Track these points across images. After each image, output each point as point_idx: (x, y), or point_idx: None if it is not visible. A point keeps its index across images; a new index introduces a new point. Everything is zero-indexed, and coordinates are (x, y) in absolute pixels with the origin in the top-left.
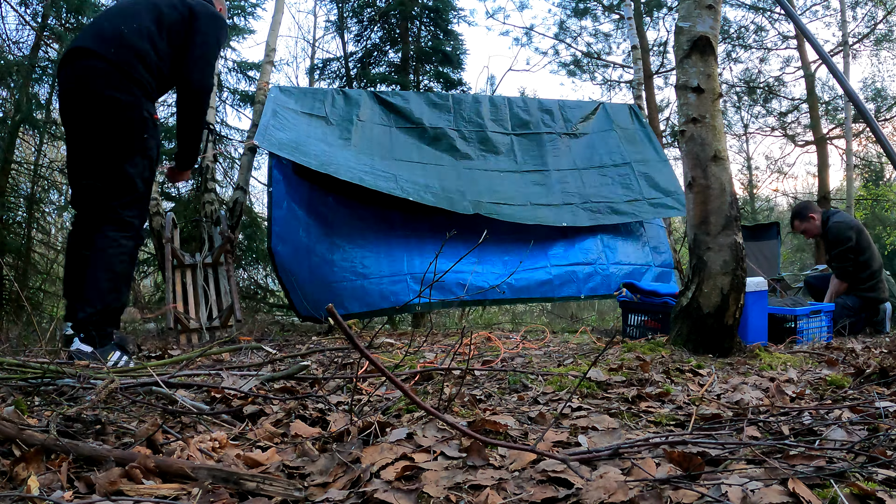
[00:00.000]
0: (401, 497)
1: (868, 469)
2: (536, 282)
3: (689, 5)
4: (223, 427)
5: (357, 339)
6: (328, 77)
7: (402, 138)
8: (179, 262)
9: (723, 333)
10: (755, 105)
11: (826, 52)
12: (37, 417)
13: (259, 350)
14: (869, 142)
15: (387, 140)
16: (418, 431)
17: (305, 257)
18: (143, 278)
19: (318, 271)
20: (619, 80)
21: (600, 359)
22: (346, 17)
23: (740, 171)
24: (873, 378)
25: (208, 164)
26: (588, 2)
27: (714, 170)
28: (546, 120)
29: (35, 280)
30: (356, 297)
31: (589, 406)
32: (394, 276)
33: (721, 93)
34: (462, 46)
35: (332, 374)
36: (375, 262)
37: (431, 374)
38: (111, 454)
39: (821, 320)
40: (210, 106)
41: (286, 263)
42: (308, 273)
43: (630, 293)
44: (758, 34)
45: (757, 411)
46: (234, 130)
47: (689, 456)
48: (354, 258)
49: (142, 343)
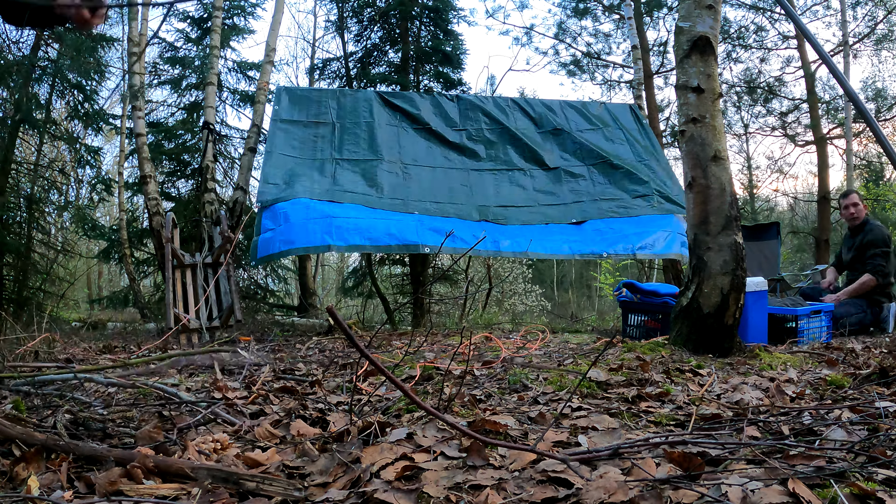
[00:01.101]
0: (401, 497)
1: (868, 469)
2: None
3: (689, 5)
4: (224, 427)
5: (357, 339)
6: (328, 77)
7: (410, 140)
8: (179, 262)
9: (723, 333)
10: (755, 105)
11: (826, 52)
12: (37, 417)
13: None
14: (869, 142)
15: (395, 142)
16: (418, 431)
17: (303, 210)
18: (143, 278)
19: (315, 213)
20: (619, 80)
21: (600, 359)
22: (346, 17)
23: (740, 171)
24: (873, 378)
25: (208, 163)
26: (588, 2)
27: (714, 170)
28: (551, 119)
29: (35, 280)
30: (359, 231)
31: (589, 406)
32: (402, 221)
33: (721, 93)
34: (462, 46)
35: (332, 373)
36: (384, 220)
37: (431, 374)
38: (111, 454)
39: (821, 320)
40: (210, 106)
41: (279, 209)
42: (304, 212)
43: (630, 293)
44: (758, 34)
45: (757, 411)
46: (234, 130)
47: (689, 456)
48: (359, 219)
49: (142, 343)
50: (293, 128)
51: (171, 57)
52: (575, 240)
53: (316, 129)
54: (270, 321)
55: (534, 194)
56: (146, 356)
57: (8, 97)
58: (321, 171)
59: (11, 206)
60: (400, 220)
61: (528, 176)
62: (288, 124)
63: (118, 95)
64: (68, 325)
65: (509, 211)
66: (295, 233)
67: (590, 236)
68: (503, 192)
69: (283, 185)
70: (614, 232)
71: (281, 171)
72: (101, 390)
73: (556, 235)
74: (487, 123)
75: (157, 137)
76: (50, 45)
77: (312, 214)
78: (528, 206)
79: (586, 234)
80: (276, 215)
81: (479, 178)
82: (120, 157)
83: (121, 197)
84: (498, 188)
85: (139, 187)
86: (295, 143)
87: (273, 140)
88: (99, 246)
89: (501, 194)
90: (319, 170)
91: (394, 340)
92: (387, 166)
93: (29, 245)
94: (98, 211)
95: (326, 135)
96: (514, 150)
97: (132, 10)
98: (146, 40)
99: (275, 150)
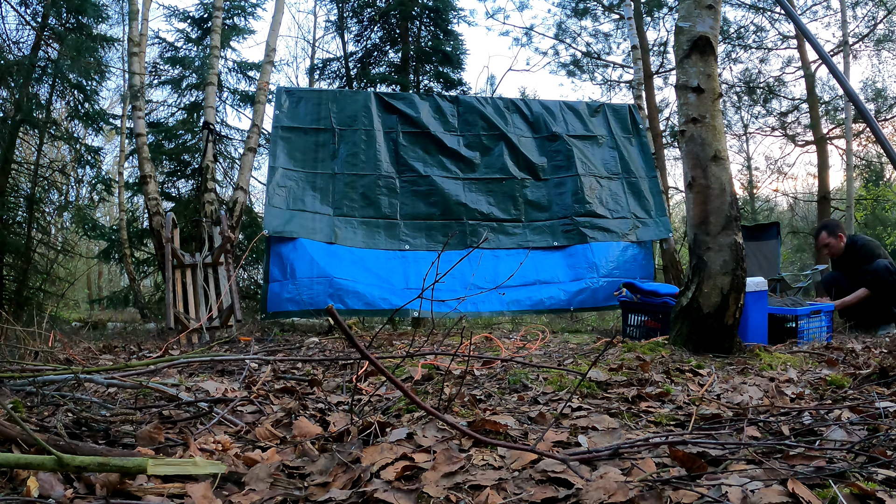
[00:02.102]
0: (401, 497)
1: (868, 469)
2: (529, 299)
3: (689, 5)
4: (225, 427)
5: (357, 340)
6: (328, 77)
7: (407, 148)
8: (179, 262)
9: (723, 333)
10: (755, 105)
11: (826, 52)
12: (36, 417)
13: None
14: (869, 142)
15: (392, 152)
16: (418, 431)
17: (307, 265)
18: (143, 278)
19: (317, 270)
20: (619, 80)
21: (600, 359)
22: (346, 17)
23: (740, 171)
24: (873, 378)
25: (208, 163)
26: (588, 2)
27: (714, 170)
28: (549, 124)
29: (35, 280)
30: (357, 296)
31: (589, 406)
32: (395, 275)
33: (721, 93)
34: (462, 46)
35: (332, 373)
36: (376, 278)
37: (431, 374)
38: (111, 454)
39: (821, 320)
40: (210, 106)
41: (285, 254)
42: (308, 268)
43: (630, 293)
44: (758, 34)
45: (757, 411)
46: (234, 130)
47: (690, 456)
48: (356, 275)
49: (142, 343)
50: (294, 136)
51: (171, 57)
52: (556, 279)
53: (316, 137)
54: (270, 321)
55: (525, 209)
56: (154, 360)
57: (8, 97)
58: (322, 192)
59: (11, 206)
60: (392, 272)
61: (521, 187)
62: (289, 132)
63: (118, 95)
64: (68, 326)
65: (499, 235)
66: (301, 292)
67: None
68: (495, 207)
69: (287, 211)
70: (588, 268)
71: (283, 191)
72: (101, 390)
73: (538, 274)
74: (485, 129)
75: (158, 137)
76: (50, 45)
77: (316, 271)
78: (517, 221)
79: (563, 275)
80: (284, 264)
81: (473, 192)
82: (120, 157)
83: (121, 197)
84: (490, 202)
85: (139, 187)
86: (297, 154)
87: (275, 152)
88: (99, 246)
89: (493, 210)
90: (321, 190)
91: (394, 340)
92: (382, 181)
93: (29, 245)
94: (98, 211)
95: (326, 143)
96: (510, 157)
97: (132, 10)
98: (146, 40)
99: (278, 164)
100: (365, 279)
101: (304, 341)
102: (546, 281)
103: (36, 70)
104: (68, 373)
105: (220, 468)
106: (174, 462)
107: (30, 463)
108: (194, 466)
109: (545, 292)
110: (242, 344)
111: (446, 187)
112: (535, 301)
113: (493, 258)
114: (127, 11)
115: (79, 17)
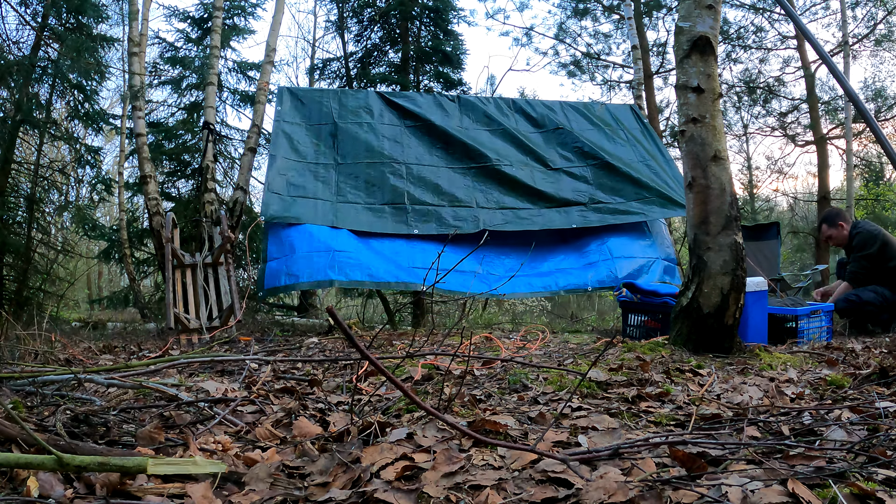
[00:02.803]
0: (401, 497)
1: (868, 469)
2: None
3: (689, 5)
4: (225, 427)
5: (357, 340)
6: (328, 77)
7: (411, 139)
8: (179, 262)
9: (723, 333)
10: (755, 105)
11: (826, 52)
12: (36, 417)
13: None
14: (869, 142)
15: (395, 142)
16: (418, 431)
17: (307, 240)
18: (144, 278)
19: (318, 244)
20: (619, 81)
21: (600, 359)
22: (346, 17)
23: (740, 171)
24: (873, 378)
25: (208, 163)
26: (588, 2)
27: (714, 170)
28: (553, 119)
29: (35, 280)
30: (360, 267)
31: (589, 406)
32: (400, 253)
33: (721, 93)
34: (462, 46)
35: (332, 373)
36: (381, 256)
37: (431, 374)
38: (111, 454)
39: (821, 320)
40: (210, 106)
41: (284, 234)
42: (308, 243)
43: (630, 293)
44: (758, 34)
45: (757, 411)
46: (234, 130)
47: (690, 456)
48: (360, 250)
49: (142, 343)
50: (296, 129)
51: (171, 57)
52: (564, 267)
53: (318, 130)
54: (270, 321)
55: (535, 195)
56: (154, 360)
57: (8, 97)
58: (325, 181)
59: (11, 206)
60: (398, 253)
61: (530, 175)
62: (291, 126)
63: (118, 95)
64: (68, 326)
65: (508, 217)
66: (299, 266)
67: (577, 262)
68: (505, 193)
69: (287, 197)
70: (602, 253)
71: (284, 179)
72: (102, 390)
73: (548, 261)
74: (488, 124)
75: (158, 137)
76: (50, 45)
77: (316, 246)
78: (528, 207)
79: (574, 261)
80: (282, 243)
81: (481, 178)
82: (120, 157)
83: (121, 197)
84: (500, 188)
85: (139, 187)
86: (298, 146)
87: (276, 143)
88: (99, 246)
89: (503, 195)
90: (323, 178)
91: (394, 340)
92: (388, 168)
93: (29, 245)
94: (98, 211)
95: (328, 136)
96: (515, 149)
97: (132, 10)
98: (146, 40)
99: (278, 153)
100: (368, 254)
101: (304, 341)
102: (562, 269)
103: (36, 70)
104: (68, 373)
105: (220, 468)
106: (174, 462)
107: (30, 463)
108: (194, 466)
109: (562, 279)
110: (242, 344)
111: (452, 176)
112: (557, 285)
113: (502, 246)
114: (127, 11)
115: (79, 17)
